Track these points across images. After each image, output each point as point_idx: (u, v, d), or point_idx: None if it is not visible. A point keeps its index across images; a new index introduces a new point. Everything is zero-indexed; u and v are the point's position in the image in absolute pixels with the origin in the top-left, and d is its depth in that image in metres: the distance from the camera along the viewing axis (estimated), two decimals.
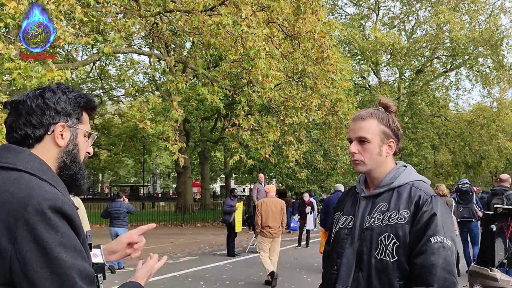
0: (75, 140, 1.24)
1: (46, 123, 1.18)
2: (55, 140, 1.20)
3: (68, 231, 1.05)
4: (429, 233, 1.46)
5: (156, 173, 56.02)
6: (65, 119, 1.22)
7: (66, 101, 1.22)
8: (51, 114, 1.19)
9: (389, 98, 1.78)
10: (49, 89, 1.23)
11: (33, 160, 1.15)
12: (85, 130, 1.28)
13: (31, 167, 1.12)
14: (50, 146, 1.20)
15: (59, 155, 1.22)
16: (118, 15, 9.10)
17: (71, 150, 1.23)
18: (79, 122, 1.25)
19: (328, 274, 1.66)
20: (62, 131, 1.21)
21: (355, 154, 1.64)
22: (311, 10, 9.40)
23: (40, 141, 1.19)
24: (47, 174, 1.14)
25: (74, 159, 1.24)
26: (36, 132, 1.18)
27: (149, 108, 8.89)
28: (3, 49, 5.37)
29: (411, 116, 24.04)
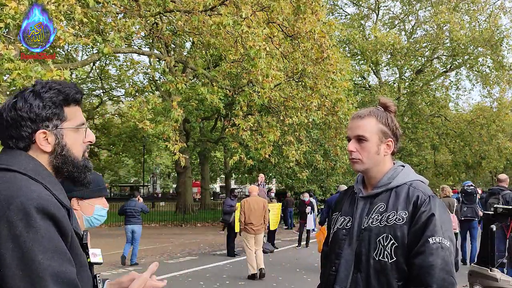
0: (61, 142, 1.20)
1: (25, 134, 1.16)
2: (40, 147, 1.18)
3: (51, 232, 1.04)
4: (428, 234, 1.45)
5: (156, 173, 56.02)
6: (44, 125, 1.17)
7: (40, 106, 1.17)
8: (27, 125, 1.16)
9: (389, 98, 1.77)
10: (21, 97, 1.18)
11: (29, 161, 1.15)
12: (71, 127, 1.23)
13: (25, 168, 1.12)
14: (38, 154, 1.18)
15: (49, 160, 1.20)
16: (118, 15, 9.10)
17: (59, 152, 1.20)
18: (62, 121, 1.20)
19: (327, 275, 1.65)
20: (45, 137, 1.18)
21: (353, 153, 1.63)
22: (311, 10, 9.40)
23: (28, 150, 1.18)
24: (41, 174, 1.14)
25: (65, 160, 1.21)
26: (19, 144, 1.17)
27: (149, 108, 8.89)
28: (2, 50, 5.37)
29: (411, 116, 24.04)
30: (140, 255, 10.70)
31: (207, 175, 25.80)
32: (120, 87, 23.35)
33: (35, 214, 1.02)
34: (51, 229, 1.04)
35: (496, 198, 6.57)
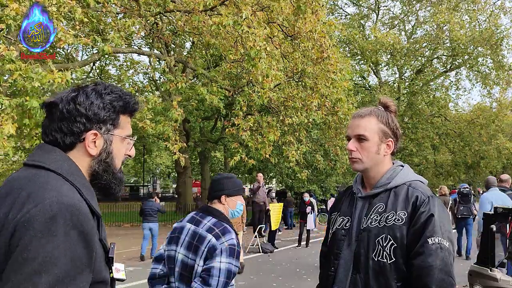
0: (108, 148, 1.16)
1: (76, 131, 1.11)
2: (87, 148, 1.13)
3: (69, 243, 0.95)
4: (427, 234, 1.45)
5: (156, 173, 56.01)
6: (98, 126, 1.13)
7: (100, 107, 1.13)
8: (82, 121, 1.11)
9: (390, 98, 1.76)
10: (83, 92, 1.14)
11: (63, 160, 1.09)
12: (121, 135, 1.19)
13: (59, 167, 1.07)
14: (81, 154, 1.13)
15: (91, 164, 1.14)
16: (118, 15, 9.10)
17: (104, 159, 1.15)
18: (114, 127, 1.17)
19: (326, 275, 1.64)
20: (94, 139, 1.13)
21: (353, 152, 1.62)
22: (311, 10, 9.40)
23: (72, 149, 1.12)
24: (75, 176, 1.08)
25: (107, 168, 1.16)
26: (66, 140, 1.11)
27: (149, 108, 8.89)
28: (4, 51, 5.37)
29: (411, 116, 24.04)
30: (140, 255, 10.70)
31: (207, 175, 25.76)
32: (120, 87, 23.32)
33: (61, 221, 0.95)
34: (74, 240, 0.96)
35: None
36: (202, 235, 2.22)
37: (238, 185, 2.45)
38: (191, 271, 2.18)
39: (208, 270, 2.11)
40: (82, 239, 0.98)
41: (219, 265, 2.10)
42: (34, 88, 5.56)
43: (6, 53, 5.35)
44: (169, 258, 2.31)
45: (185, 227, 2.33)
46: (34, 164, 1.08)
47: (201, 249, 2.18)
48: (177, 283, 2.24)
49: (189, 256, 2.22)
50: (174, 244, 2.31)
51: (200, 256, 2.16)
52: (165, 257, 2.34)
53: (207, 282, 2.08)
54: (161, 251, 2.42)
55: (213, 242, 2.16)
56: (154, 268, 2.37)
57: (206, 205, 2.45)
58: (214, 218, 2.29)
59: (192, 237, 2.25)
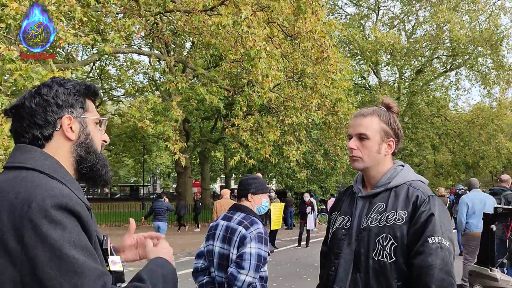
0: (85, 130, 1.18)
1: (51, 119, 1.13)
2: (65, 134, 1.14)
3: (77, 229, 0.99)
4: (427, 234, 1.45)
5: (156, 173, 56.01)
6: (69, 110, 1.15)
7: (65, 92, 1.16)
8: (54, 109, 1.13)
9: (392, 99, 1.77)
10: (44, 85, 1.16)
11: (44, 158, 1.10)
12: (93, 117, 1.21)
13: (41, 165, 1.08)
14: (61, 142, 1.15)
15: (72, 149, 1.16)
16: (118, 15, 9.10)
17: (84, 141, 1.17)
18: (84, 110, 1.19)
19: (326, 275, 1.64)
20: (70, 124, 1.15)
21: (354, 150, 1.62)
22: (311, 10, 9.39)
23: (50, 140, 1.14)
24: (58, 172, 1.09)
25: (89, 149, 1.18)
26: (44, 132, 1.12)
27: (148, 107, 8.90)
28: (4, 51, 5.36)
29: (411, 116, 24.05)
30: None
31: (207, 175, 25.77)
32: (120, 87, 23.33)
33: (58, 211, 0.97)
34: (77, 226, 0.99)
35: (498, 199, 6.55)
36: (234, 227, 2.60)
37: (263, 185, 2.80)
38: (228, 260, 2.54)
39: (240, 255, 2.45)
40: (82, 225, 1.01)
41: (249, 250, 2.45)
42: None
43: (7, 53, 5.35)
44: (208, 252, 2.69)
45: (219, 224, 2.72)
46: (14, 165, 1.08)
47: (233, 239, 2.54)
48: (216, 272, 2.61)
49: (224, 247, 2.59)
50: (211, 239, 2.69)
51: (233, 245, 2.53)
52: (205, 252, 2.72)
53: (241, 266, 2.41)
54: (201, 248, 2.79)
55: (243, 232, 2.52)
56: (196, 263, 2.76)
57: (235, 203, 2.82)
58: (243, 213, 2.67)
59: (226, 231, 2.63)
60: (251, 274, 2.43)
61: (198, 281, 2.70)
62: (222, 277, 2.57)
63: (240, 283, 2.40)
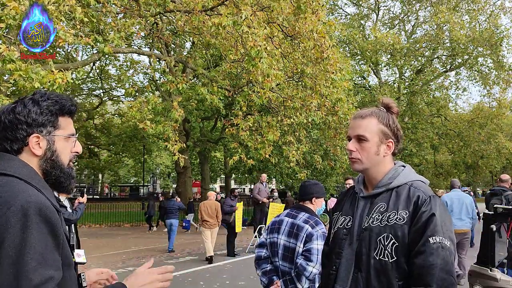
0: (52, 147, 1.30)
1: (20, 137, 1.26)
2: (32, 150, 1.27)
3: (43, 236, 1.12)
4: (428, 233, 1.45)
5: (156, 173, 56.00)
6: (39, 129, 1.28)
7: (37, 113, 1.27)
8: (23, 128, 1.26)
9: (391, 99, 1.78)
10: (21, 103, 1.29)
11: (22, 166, 1.24)
12: (62, 135, 1.32)
13: (19, 173, 1.21)
14: (29, 156, 1.28)
15: (39, 164, 1.29)
16: (118, 15, 9.09)
17: (49, 157, 1.30)
18: (55, 128, 1.30)
19: (327, 274, 1.65)
20: (38, 141, 1.28)
21: (353, 152, 1.63)
22: (311, 10, 9.38)
23: (21, 153, 1.27)
24: (34, 179, 1.23)
25: (54, 165, 1.31)
26: (13, 146, 1.26)
27: (149, 108, 8.89)
28: (5, 51, 5.36)
29: (411, 116, 24.04)
30: (140, 255, 10.72)
31: (207, 175, 25.73)
32: (120, 87, 23.31)
33: (33, 217, 1.11)
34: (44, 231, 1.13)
35: (499, 199, 6.55)
36: (300, 225, 3.02)
37: (322, 189, 3.28)
38: (293, 252, 2.98)
39: (308, 250, 2.87)
40: (51, 230, 1.15)
41: (316, 247, 2.87)
42: (35, 88, 5.55)
43: (7, 53, 5.35)
44: (271, 244, 3.11)
45: (283, 220, 3.13)
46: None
47: (301, 235, 2.97)
48: (280, 262, 3.04)
49: (290, 241, 3.01)
50: (276, 233, 3.11)
51: (300, 240, 2.96)
52: (267, 243, 3.14)
53: (309, 259, 2.85)
54: (262, 239, 3.21)
55: (310, 230, 2.96)
56: (259, 251, 3.17)
57: (298, 204, 3.27)
58: (307, 213, 3.11)
59: (291, 227, 3.05)
60: (317, 267, 2.81)
61: (262, 268, 3.11)
62: (286, 266, 3.00)
63: (308, 273, 2.83)
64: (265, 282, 3.06)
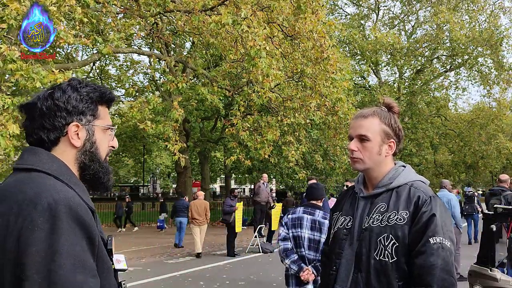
0: (92, 138, 1.19)
1: (58, 125, 1.14)
2: (70, 141, 1.16)
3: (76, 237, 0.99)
4: (429, 234, 1.45)
5: (156, 173, 55.98)
6: (78, 118, 1.16)
7: (77, 99, 1.16)
8: (63, 115, 1.14)
9: (392, 99, 1.77)
10: (59, 88, 1.17)
11: (52, 161, 1.12)
12: (102, 125, 1.22)
13: (48, 168, 1.09)
14: (66, 148, 1.16)
15: (77, 156, 1.17)
16: (118, 15, 9.09)
17: (88, 149, 1.19)
18: (95, 118, 1.20)
19: (327, 274, 1.65)
20: (77, 131, 1.16)
21: (354, 152, 1.62)
22: (311, 10, 9.39)
23: (57, 144, 1.15)
24: (65, 175, 1.11)
25: (93, 157, 1.19)
26: (50, 136, 1.14)
27: (149, 108, 8.89)
28: (6, 51, 5.36)
29: (411, 116, 24.04)
30: (140, 255, 10.72)
31: (207, 175, 25.74)
32: (120, 87, 23.30)
33: (63, 216, 0.98)
34: (77, 233, 1.00)
35: (498, 199, 6.56)
36: (321, 221, 3.64)
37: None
38: (318, 243, 3.59)
39: None
40: (85, 231, 1.02)
41: None
42: (36, 88, 5.56)
43: (8, 53, 5.35)
44: (295, 237, 3.68)
45: (303, 216, 3.71)
46: (24, 167, 1.11)
47: (323, 229, 3.58)
48: (307, 251, 3.63)
49: (315, 234, 3.62)
50: (299, 228, 3.68)
51: (324, 233, 3.50)
52: (290, 237, 3.69)
53: None
54: (284, 234, 3.73)
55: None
56: (285, 244, 3.69)
57: (311, 203, 3.82)
58: (321, 211, 3.72)
59: (313, 223, 3.66)
60: None
61: (290, 257, 3.62)
62: (312, 255, 3.60)
63: None
64: (295, 269, 3.58)
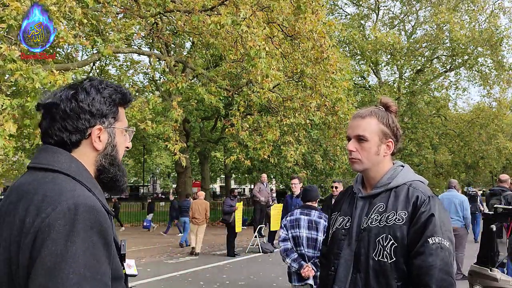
0: (113, 141, 1.18)
1: (82, 127, 1.12)
2: (93, 144, 1.14)
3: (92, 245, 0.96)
4: (427, 234, 1.45)
5: (156, 173, 55.97)
6: (101, 120, 1.14)
7: (101, 101, 1.14)
8: (87, 118, 1.12)
9: (390, 98, 1.77)
10: (82, 89, 1.14)
11: (70, 161, 1.09)
12: (122, 128, 1.21)
13: (67, 168, 1.07)
14: (87, 150, 1.14)
15: (97, 159, 1.15)
16: (118, 15, 9.09)
17: (109, 152, 1.17)
18: (116, 120, 1.18)
19: (326, 275, 1.64)
20: (99, 134, 1.14)
21: (353, 152, 1.62)
22: (311, 10, 9.38)
23: (78, 146, 1.13)
24: (83, 176, 1.09)
25: (113, 161, 1.18)
26: (72, 138, 1.11)
27: (149, 108, 8.89)
28: (6, 51, 5.36)
29: (410, 116, 24.04)
30: (140, 255, 10.73)
31: (207, 175, 25.74)
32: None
33: (81, 221, 0.96)
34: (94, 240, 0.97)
35: (498, 199, 6.57)
36: (317, 220, 3.98)
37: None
38: (315, 241, 3.92)
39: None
40: (102, 238, 0.99)
41: None
42: (35, 88, 5.56)
43: (8, 53, 5.35)
44: (294, 237, 4.01)
45: (300, 218, 4.04)
46: (41, 167, 1.08)
47: (320, 228, 3.92)
48: (306, 249, 3.94)
49: (312, 233, 3.94)
50: (297, 228, 4.01)
51: (321, 231, 3.90)
52: (290, 237, 4.02)
53: None
54: (284, 235, 4.06)
55: (324, 223, 3.90)
56: (285, 244, 4.02)
57: (306, 204, 4.16)
58: (317, 211, 4.07)
59: (310, 222, 3.99)
60: None
61: (291, 256, 3.96)
62: (311, 252, 3.92)
63: None
64: (295, 266, 3.93)
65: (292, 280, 4.11)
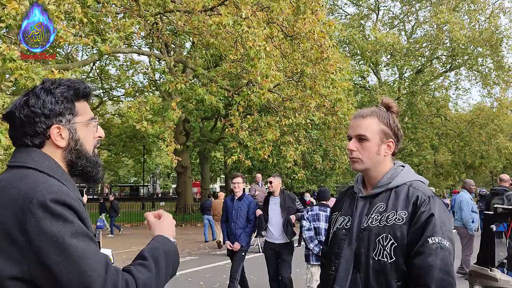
0: (75, 136, 1.23)
1: (40, 130, 1.18)
2: (55, 143, 1.20)
3: (76, 220, 1.06)
4: (427, 234, 1.45)
5: (156, 173, 55.99)
6: (58, 119, 1.20)
7: (52, 102, 1.19)
8: (42, 120, 1.18)
9: (391, 99, 1.77)
10: (33, 94, 1.20)
11: (43, 158, 1.17)
12: (83, 121, 1.25)
13: (40, 165, 1.15)
14: (52, 149, 1.20)
15: (63, 155, 1.22)
16: (118, 15, 9.10)
17: (73, 147, 1.22)
18: (74, 116, 1.23)
19: (326, 274, 1.64)
20: (59, 132, 1.20)
21: (353, 152, 1.62)
22: (311, 10, 9.38)
23: (43, 147, 1.20)
24: (56, 171, 1.16)
25: (79, 154, 1.24)
26: (34, 141, 1.19)
27: (147, 108, 8.89)
28: (5, 51, 5.36)
29: (410, 116, 24.04)
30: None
31: (207, 175, 25.75)
32: (120, 87, 23.32)
33: (57, 205, 1.04)
34: (75, 217, 1.07)
35: (500, 199, 6.55)
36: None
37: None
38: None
39: None
40: (78, 217, 1.08)
41: None
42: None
43: (8, 53, 5.35)
44: (316, 228, 5.23)
45: (319, 213, 5.26)
46: (16, 165, 1.16)
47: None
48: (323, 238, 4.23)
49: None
50: (317, 221, 5.23)
51: None
52: (312, 227, 5.24)
53: None
54: (308, 226, 5.26)
55: None
56: (309, 233, 5.24)
57: (322, 203, 5.42)
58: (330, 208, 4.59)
59: (326, 217, 5.12)
60: None
61: (314, 242, 5.19)
62: None
63: None
64: (317, 250, 5.09)
65: (310, 260, 5.44)
